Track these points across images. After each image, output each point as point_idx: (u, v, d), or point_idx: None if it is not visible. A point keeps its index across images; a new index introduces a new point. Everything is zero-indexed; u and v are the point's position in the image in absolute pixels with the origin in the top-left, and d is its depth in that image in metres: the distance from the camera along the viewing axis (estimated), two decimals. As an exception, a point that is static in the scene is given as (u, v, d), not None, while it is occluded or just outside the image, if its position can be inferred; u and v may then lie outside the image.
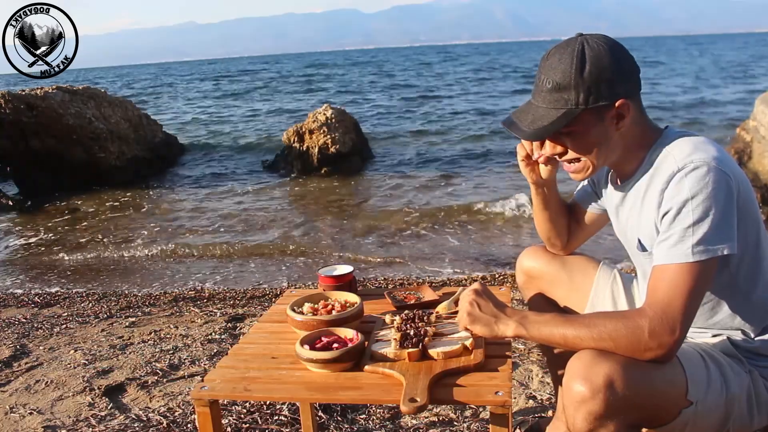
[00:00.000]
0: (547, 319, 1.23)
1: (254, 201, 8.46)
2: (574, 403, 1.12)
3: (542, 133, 1.27)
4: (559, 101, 1.24)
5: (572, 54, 1.23)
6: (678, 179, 1.17)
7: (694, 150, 1.20)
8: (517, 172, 7.96)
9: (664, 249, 1.18)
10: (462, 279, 4.46)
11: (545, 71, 1.26)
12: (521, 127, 1.29)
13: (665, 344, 1.12)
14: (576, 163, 1.32)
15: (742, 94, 17.62)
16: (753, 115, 7.12)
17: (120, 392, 2.54)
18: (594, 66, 1.21)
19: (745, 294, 1.28)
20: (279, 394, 1.42)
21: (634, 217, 1.33)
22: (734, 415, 1.22)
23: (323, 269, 1.78)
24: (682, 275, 1.14)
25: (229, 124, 17.33)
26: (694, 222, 1.14)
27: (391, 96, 22.45)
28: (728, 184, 1.15)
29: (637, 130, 1.28)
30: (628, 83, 1.25)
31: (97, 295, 4.50)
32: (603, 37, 1.27)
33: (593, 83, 1.22)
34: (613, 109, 1.24)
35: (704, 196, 1.14)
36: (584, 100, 1.22)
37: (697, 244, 1.14)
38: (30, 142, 9.12)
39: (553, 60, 1.25)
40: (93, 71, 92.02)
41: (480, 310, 1.29)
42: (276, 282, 4.92)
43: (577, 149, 1.29)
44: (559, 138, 1.30)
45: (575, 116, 1.23)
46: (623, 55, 1.25)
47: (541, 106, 1.27)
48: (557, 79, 1.23)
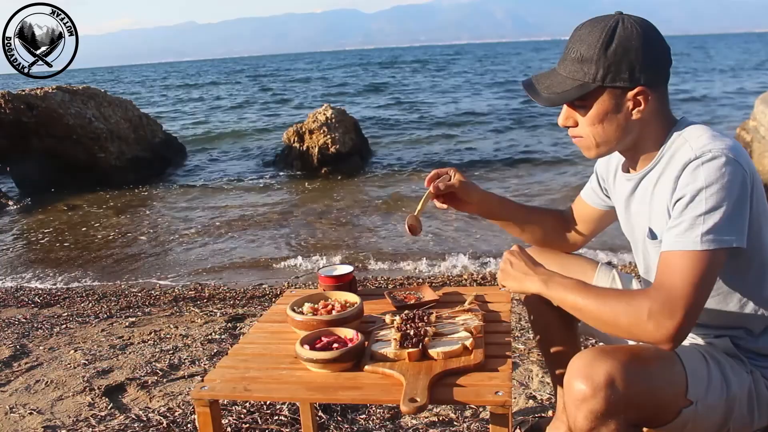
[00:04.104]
0: (569, 283, 1.26)
1: (254, 200, 8.45)
2: (575, 402, 1.12)
3: (554, 99, 1.26)
4: (578, 72, 1.23)
5: (603, 29, 1.21)
6: (694, 167, 1.16)
7: (712, 140, 1.18)
8: (517, 168, 7.91)
9: (672, 235, 1.17)
10: (462, 278, 4.46)
11: (574, 41, 1.25)
12: (538, 90, 1.29)
13: (663, 328, 1.11)
14: (582, 139, 1.31)
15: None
16: (753, 115, 7.12)
17: (120, 392, 2.54)
18: (621, 46, 1.20)
19: (753, 291, 1.27)
20: (279, 394, 1.42)
21: (646, 204, 1.31)
22: (735, 415, 1.22)
23: (323, 269, 1.78)
24: (689, 263, 1.13)
25: (229, 124, 17.35)
26: (706, 211, 1.13)
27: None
28: (744, 178, 1.14)
29: (655, 122, 1.26)
30: (652, 72, 1.22)
31: (97, 295, 4.50)
32: (641, 20, 1.23)
33: (615, 62, 1.20)
34: (631, 95, 1.22)
35: (719, 186, 1.13)
36: (602, 77, 1.21)
37: (707, 233, 1.13)
38: (30, 142, 9.12)
39: (583, 31, 1.24)
40: (99, 71, 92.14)
41: (512, 268, 1.36)
42: (276, 282, 4.92)
43: (585, 124, 1.28)
44: (573, 109, 1.29)
45: (590, 91, 1.23)
46: (656, 44, 1.22)
47: (561, 73, 1.27)
48: (582, 51, 1.23)
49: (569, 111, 1.30)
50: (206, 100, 25.60)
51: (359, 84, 30.07)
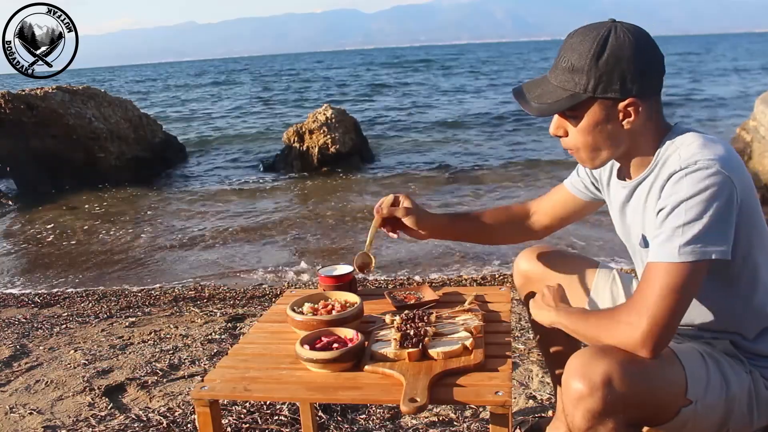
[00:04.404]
0: (571, 312, 1.31)
1: (254, 201, 8.45)
2: (572, 401, 1.12)
3: (544, 110, 1.26)
4: (569, 82, 1.22)
5: (595, 38, 1.20)
6: (677, 178, 1.15)
7: (701, 149, 1.17)
8: (517, 170, 7.91)
9: (654, 246, 1.17)
10: (462, 279, 4.46)
11: (565, 49, 1.24)
12: (528, 99, 1.28)
13: (634, 335, 1.12)
14: (576, 152, 1.31)
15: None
16: (753, 115, 7.11)
17: (120, 392, 2.54)
18: (612, 56, 1.18)
19: (745, 299, 1.26)
20: (279, 394, 1.42)
21: (639, 213, 1.32)
22: (734, 415, 1.22)
23: (323, 269, 1.78)
24: (665, 274, 1.13)
25: (228, 123, 17.34)
26: (685, 222, 1.13)
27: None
28: (729, 189, 1.13)
29: (647, 131, 1.25)
30: (644, 82, 1.20)
31: (97, 295, 4.50)
32: (634, 29, 1.21)
33: (606, 73, 1.19)
34: (622, 105, 1.21)
35: (701, 198, 1.12)
36: (593, 88, 1.20)
37: (685, 245, 1.12)
38: (30, 142, 9.12)
39: (575, 39, 1.23)
40: (100, 70, 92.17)
41: (542, 300, 1.40)
42: (276, 282, 4.92)
43: (576, 134, 1.27)
44: (564, 119, 1.28)
45: (580, 101, 1.22)
46: (648, 54, 1.21)
47: (552, 82, 1.26)
48: (573, 60, 1.22)
49: (560, 120, 1.29)
50: (206, 100, 25.60)
51: (361, 84, 30.09)
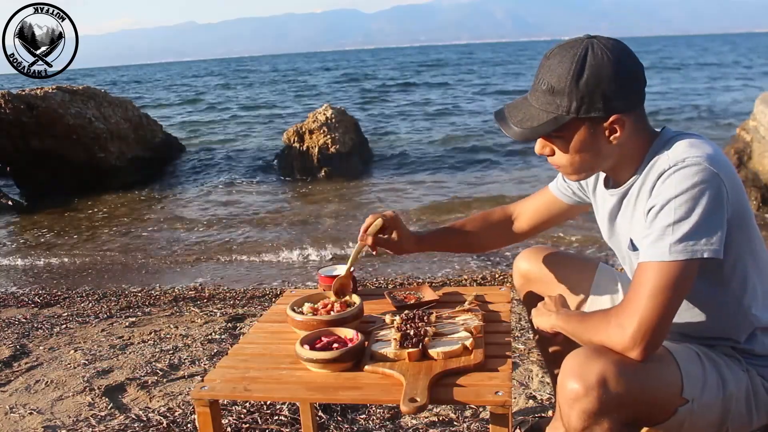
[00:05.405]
0: (569, 315, 1.33)
1: (254, 201, 8.46)
2: (568, 401, 1.12)
3: (528, 134, 1.25)
4: (551, 104, 1.21)
5: (573, 59, 1.18)
6: (666, 176, 1.15)
7: (688, 148, 1.18)
8: (516, 170, 7.90)
9: (644, 246, 1.17)
10: (462, 279, 4.46)
11: (544, 71, 1.23)
12: (510, 124, 1.27)
13: (625, 335, 1.13)
14: (562, 168, 1.32)
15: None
16: (753, 115, 7.11)
17: (120, 392, 2.55)
18: (592, 76, 1.17)
19: (737, 298, 1.26)
20: (279, 394, 1.42)
21: (627, 217, 1.32)
22: (732, 414, 1.22)
23: (323, 269, 1.78)
24: (656, 273, 1.13)
25: (229, 123, 17.34)
26: (675, 220, 1.12)
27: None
28: (717, 184, 1.13)
29: (633, 142, 1.25)
30: (627, 98, 1.20)
31: (97, 295, 4.50)
32: (612, 43, 1.20)
33: (588, 94, 1.18)
34: (607, 124, 1.21)
35: (690, 195, 1.12)
36: (576, 109, 1.19)
37: (676, 243, 1.12)
38: (30, 142, 9.11)
39: (553, 61, 1.22)
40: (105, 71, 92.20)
41: (544, 307, 1.42)
42: (276, 282, 4.92)
43: (562, 154, 1.27)
44: (549, 140, 1.28)
45: (565, 123, 1.21)
46: (629, 68, 1.20)
47: (534, 105, 1.25)
48: (553, 82, 1.20)
49: (544, 141, 1.29)
50: (207, 100, 25.59)
51: (357, 85, 30.09)
